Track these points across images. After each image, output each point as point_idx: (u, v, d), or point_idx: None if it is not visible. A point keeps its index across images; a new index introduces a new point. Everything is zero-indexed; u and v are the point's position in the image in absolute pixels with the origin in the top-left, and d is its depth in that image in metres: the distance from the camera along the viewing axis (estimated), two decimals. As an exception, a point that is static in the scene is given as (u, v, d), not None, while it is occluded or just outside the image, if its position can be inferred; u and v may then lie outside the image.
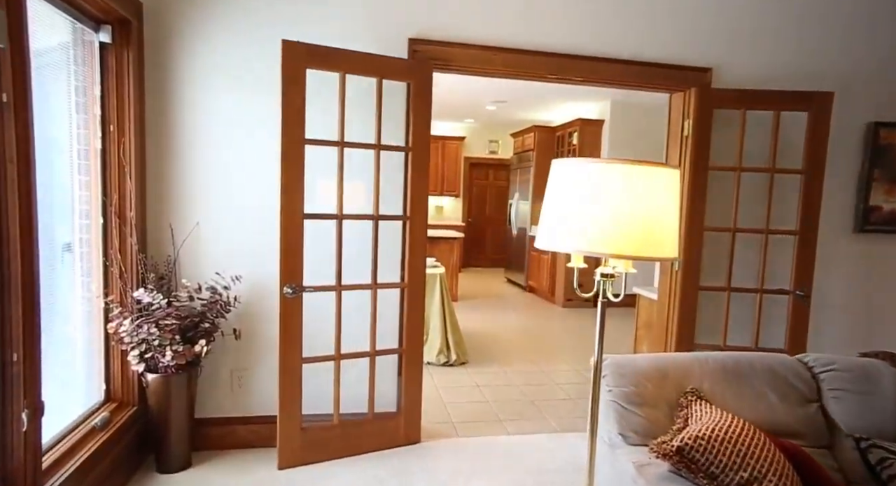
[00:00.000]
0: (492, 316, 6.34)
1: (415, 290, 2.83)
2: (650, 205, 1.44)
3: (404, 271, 2.82)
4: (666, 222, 1.46)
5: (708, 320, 3.19)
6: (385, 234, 2.78)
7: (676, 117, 3.19)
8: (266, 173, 2.70)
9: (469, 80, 6.07)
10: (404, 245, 2.82)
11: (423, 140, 2.76)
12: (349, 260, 2.67)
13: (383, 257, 2.77)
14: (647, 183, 1.44)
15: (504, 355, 4.73)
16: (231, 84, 2.63)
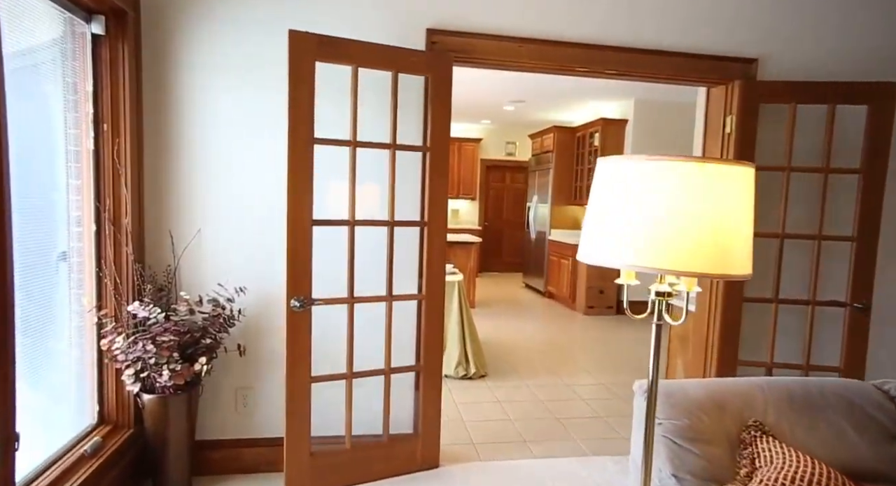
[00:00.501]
0: (510, 324, 6.09)
1: (434, 302, 2.61)
2: (721, 211, 1.19)
3: (422, 281, 2.60)
4: (740, 233, 1.22)
5: (752, 334, 2.92)
6: (401, 241, 2.56)
7: (716, 113, 2.93)
8: (273, 176, 2.50)
9: (487, 79, 5.85)
10: (422, 253, 2.60)
11: (443, 139, 2.54)
12: (362, 270, 2.45)
13: (399, 266, 2.55)
14: (718, 184, 1.20)
15: (525, 367, 4.48)
16: (235, 80, 2.44)
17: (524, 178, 10.10)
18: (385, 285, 2.51)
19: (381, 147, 2.43)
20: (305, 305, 2.28)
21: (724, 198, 1.20)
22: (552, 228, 7.83)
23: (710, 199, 1.20)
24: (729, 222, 1.21)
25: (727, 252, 1.21)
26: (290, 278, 2.25)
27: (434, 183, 2.55)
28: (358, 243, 2.42)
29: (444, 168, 2.57)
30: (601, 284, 6.72)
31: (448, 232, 2.66)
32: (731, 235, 1.21)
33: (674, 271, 1.24)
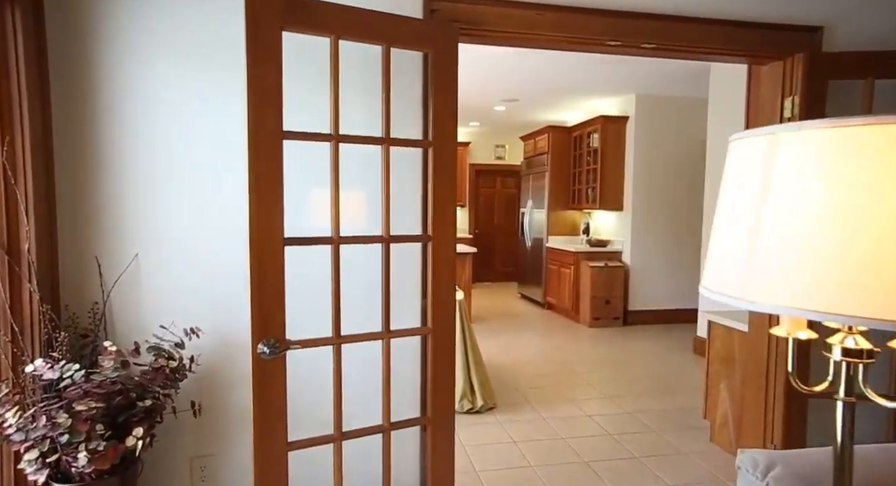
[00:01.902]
0: (511, 341, 5.56)
1: (443, 337, 2.06)
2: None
3: (427, 310, 2.06)
4: None
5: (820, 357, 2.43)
6: (399, 261, 2.02)
7: (770, 95, 2.46)
8: (235, 183, 1.95)
9: (479, 75, 5.36)
10: (425, 275, 2.06)
11: (449, 131, 2.01)
12: (350, 299, 1.91)
13: (397, 292, 2.01)
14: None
15: (537, 395, 3.94)
16: (187, 58, 1.89)
17: (516, 182, 9.62)
18: (381, 317, 1.96)
19: (370, 142, 1.90)
20: (277, 350, 1.73)
21: None
22: (550, 234, 7.35)
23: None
24: None
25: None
26: (255, 317, 1.70)
27: (439, 187, 2.01)
28: (345, 266, 1.88)
29: (450, 168, 2.04)
30: (607, 293, 6.23)
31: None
32: None
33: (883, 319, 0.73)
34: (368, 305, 1.99)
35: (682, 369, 4.64)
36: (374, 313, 1.97)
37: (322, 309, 1.86)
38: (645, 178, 6.23)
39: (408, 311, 2.11)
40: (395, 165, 2.00)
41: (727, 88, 4.78)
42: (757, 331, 2.54)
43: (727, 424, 3.03)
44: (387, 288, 1.95)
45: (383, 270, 1.94)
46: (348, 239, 1.87)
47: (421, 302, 2.09)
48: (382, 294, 1.95)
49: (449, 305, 2.07)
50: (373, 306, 1.97)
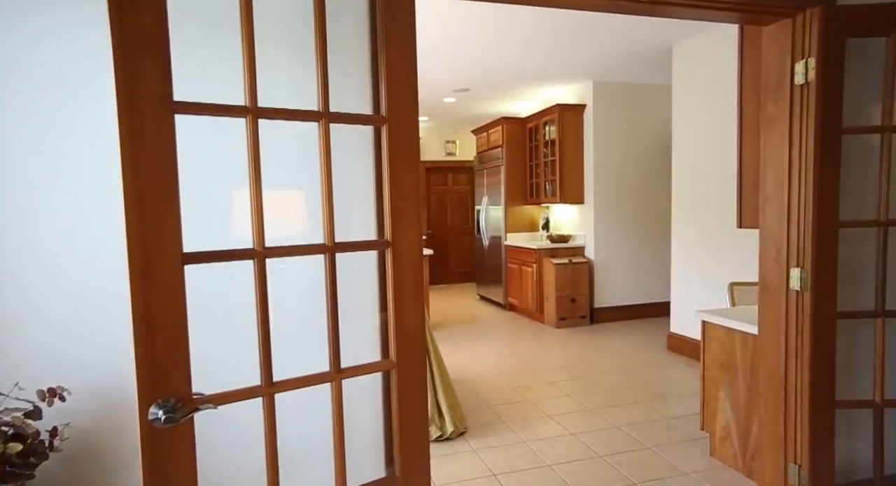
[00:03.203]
0: (475, 349, 5.14)
1: (410, 370, 1.59)
2: None
3: (388, 337, 1.58)
4: None
5: (843, 361, 2.12)
6: (349, 275, 1.53)
7: (777, 58, 2.11)
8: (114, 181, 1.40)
9: (426, 65, 4.89)
10: (384, 292, 1.58)
11: (407, 101, 1.53)
12: (285, 330, 1.41)
13: (349, 315, 1.53)
14: None
15: (511, 412, 3.52)
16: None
17: (468, 179, 9.24)
18: (328, 352, 1.47)
19: (301, 118, 1.40)
20: (179, 413, 1.20)
21: None
22: (508, 231, 6.98)
23: None
24: None
25: None
26: (142, 370, 1.17)
27: (398, 177, 1.54)
28: (275, 286, 1.37)
29: (411, 151, 1.56)
30: (572, 291, 5.91)
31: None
32: None
33: None
34: (313, 336, 1.49)
35: (661, 371, 4.34)
36: (317, 347, 1.47)
37: (250, 347, 1.35)
38: (606, 168, 5.95)
39: (364, 338, 1.62)
40: (341, 151, 1.52)
41: (692, 71, 4.53)
42: (771, 333, 2.21)
43: (730, 436, 2.71)
44: (333, 314, 1.45)
45: (327, 289, 1.44)
46: (277, 251, 1.36)
47: (380, 327, 1.60)
48: (328, 322, 1.45)
49: (417, 330, 1.60)
50: (316, 339, 1.48)
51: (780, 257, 2.14)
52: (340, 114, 1.44)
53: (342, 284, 1.50)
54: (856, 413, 2.14)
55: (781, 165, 2.11)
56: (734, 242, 4.16)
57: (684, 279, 4.74)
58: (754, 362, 2.55)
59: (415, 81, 1.54)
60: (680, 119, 4.70)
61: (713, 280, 4.38)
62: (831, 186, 1.99)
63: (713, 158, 4.33)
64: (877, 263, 2.05)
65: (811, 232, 2.00)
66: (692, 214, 4.59)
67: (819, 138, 1.97)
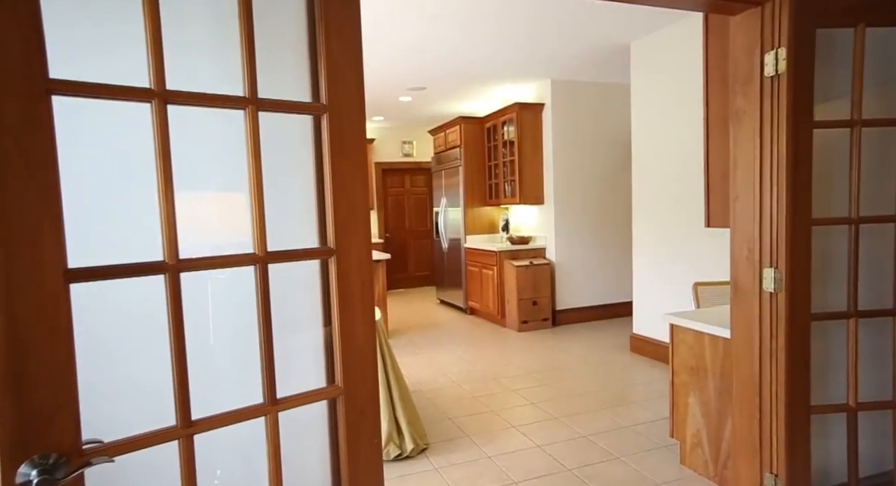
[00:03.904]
0: (436, 357, 4.95)
1: (361, 397, 1.38)
2: None
3: (333, 361, 1.36)
4: None
5: (812, 363, 2.04)
6: (289, 288, 1.32)
7: (746, 49, 2.02)
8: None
9: (380, 62, 4.68)
10: (329, 308, 1.37)
11: (351, 89, 1.33)
12: (206, 356, 1.19)
13: (287, 337, 1.31)
14: None
15: (474, 424, 3.35)
16: None
17: (426, 180, 9.05)
18: (261, 381, 1.24)
19: (223, 104, 1.17)
20: (60, 470, 0.96)
21: None
22: (467, 234, 6.83)
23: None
24: None
25: None
26: (6, 418, 0.92)
27: (343, 174, 1.33)
28: (194, 305, 1.15)
29: (357, 145, 1.36)
30: (534, 294, 5.81)
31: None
32: None
33: None
34: (249, 361, 1.26)
35: (625, 373, 4.26)
36: (248, 375, 1.25)
37: (159, 384, 1.12)
38: (565, 168, 5.88)
39: (307, 361, 1.41)
40: (280, 147, 1.31)
41: (650, 69, 4.49)
42: (744, 337, 2.11)
43: (701, 444, 2.61)
44: (266, 337, 1.23)
45: (259, 308, 1.22)
46: (193, 263, 1.14)
47: (324, 351, 1.39)
48: (261, 347, 1.23)
49: (367, 349, 1.39)
50: (247, 366, 1.25)
51: (752, 256, 2.05)
52: (271, 101, 1.22)
53: (282, 298, 1.28)
54: (828, 415, 2.06)
55: (752, 161, 2.01)
56: (696, 241, 4.13)
57: (646, 280, 4.70)
58: (725, 367, 2.46)
59: (359, 64, 1.34)
60: (639, 118, 4.65)
61: (676, 280, 4.34)
62: (804, 183, 1.90)
63: (674, 157, 4.29)
64: (848, 261, 1.98)
65: (785, 231, 1.91)
66: (653, 214, 4.54)
67: (792, 133, 1.88)
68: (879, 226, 1.99)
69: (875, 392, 2.04)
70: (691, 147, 4.10)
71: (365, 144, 1.38)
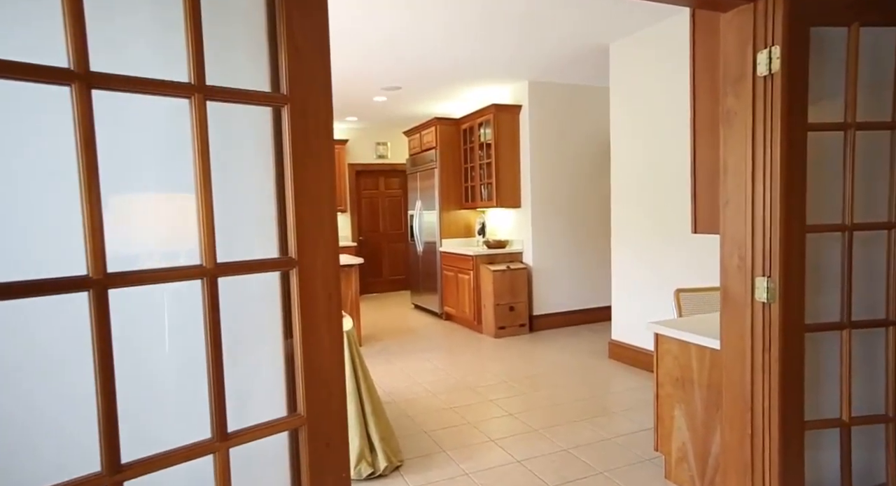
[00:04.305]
0: (410, 365, 4.78)
1: (327, 426, 1.22)
2: None
3: (295, 388, 1.20)
4: None
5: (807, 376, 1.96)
6: (245, 303, 1.15)
7: (738, 47, 1.93)
8: None
9: (353, 61, 4.51)
10: (291, 328, 1.20)
11: (317, 78, 1.17)
12: (141, 386, 1.02)
13: (241, 360, 1.14)
14: None
15: (450, 437, 3.20)
16: None
17: (401, 182, 8.89)
18: (209, 413, 1.07)
19: (163, 91, 1.00)
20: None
21: None
22: (443, 237, 6.69)
23: None
24: None
25: None
26: None
27: (306, 175, 1.17)
28: (130, 324, 0.98)
29: (324, 140, 1.20)
30: (511, 299, 5.69)
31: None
32: None
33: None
34: (192, 389, 1.10)
35: (605, 381, 4.17)
36: (194, 407, 1.08)
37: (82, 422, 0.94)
38: (543, 171, 5.79)
39: (265, 387, 1.24)
40: (229, 141, 1.14)
41: (630, 71, 4.42)
42: (735, 349, 2.01)
43: (686, 458, 2.52)
44: (216, 361, 1.06)
45: (207, 328, 1.05)
46: (127, 278, 0.96)
47: (284, 376, 1.22)
48: (209, 373, 1.05)
49: (333, 372, 1.23)
50: (194, 395, 1.08)
51: (743, 265, 1.95)
52: (222, 89, 1.06)
53: (235, 316, 1.12)
54: (820, 434, 1.98)
55: (744, 163, 1.92)
56: (677, 246, 4.06)
57: (625, 285, 4.63)
58: (712, 378, 2.37)
59: (326, 47, 1.18)
60: (618, 120, 4.58)
61: (655, 286, 4.28)
62: (799, 187, 1.81)
63: (654, 161, 4.23)
64: (842, 270, 1.90)
65: (779, 238, 1.82)
66: (632, 218, 4.47)
67: (786, 134, 1.79)
68: (867, 232, 1.92)
69: (865, 403, 1.96)
70: (672, 150, 4.04)
71: (332, 141, 1.23)
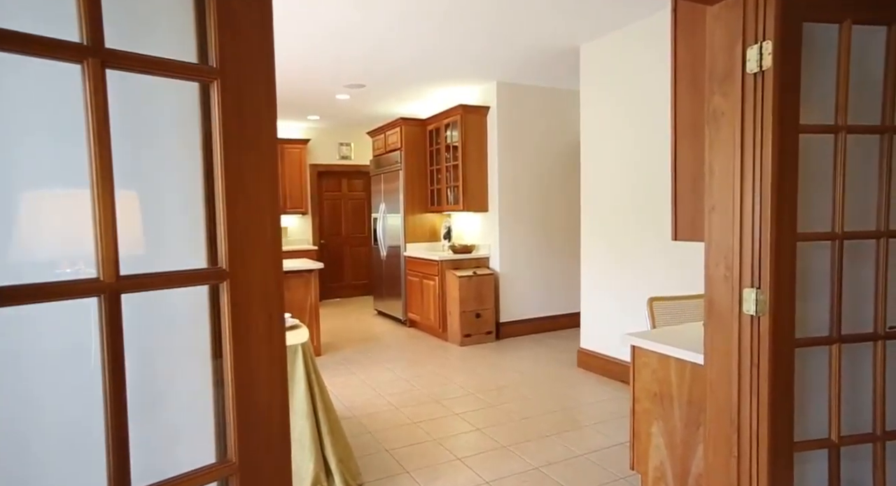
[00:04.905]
0: (372, 376, 4.55)
1: (267, 474, 1.00)
2: None
3: (226, 430, 0.98)
4: None
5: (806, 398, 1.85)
6: (152, 328, 0.93)
7: (725, 43, 1.80)
8: None
9: (314, 54, 4.26)
10: (223, 362, 0.98)
11: (255, 48, 0.96)
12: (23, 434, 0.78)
13: (155, 396, 0.92)
14: None
15: (415, 456, 3.00)
16: None
17: (364, 184, 8.63)
18: (105, 469, 0.84)
19: (46, 53, 0.77)
20: None
21: None
22: (407, 241, 6.48)
23: None
24: None
25: None
26: None
27: (242, 167, 0.96)
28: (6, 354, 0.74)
29: (265, 126, 0.99)
30: (477, 306, 5.53)
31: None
32: None
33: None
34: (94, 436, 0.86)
35: (574, 392, 4.04)
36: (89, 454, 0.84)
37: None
38: (511, 175, 5.66)
39: (187, 428, 1.01)
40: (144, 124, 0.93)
41: (601, 73, 4.33)
42: (720, 365, 1.88)
43: (664, 478, 2.39)
44: (115, 399, 0.83)
45: (105, 357, 0.82)
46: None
47: (216, 418, 1.00)
48: (106, 415, 0.82)
49: (275, 411, 1.02)
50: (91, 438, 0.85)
51: (730, 275, 1.83)
52: (128, 55, 0.83)
53: (147, 340, 0.89)
54: (809, 454, 1.87)
55: (731, 167, 1.80)
56: (648, 253, 3.97)
57: (595, 292, 4.52)
58: (693, 394, 2.24)
59: (268, 17, 0.97)
60: (589, 123, 4.48)
61: (626, 293, 4.18)
62: (790, 192, 1.70)
63: (625, 165, 4.14)
64: (832, 281, 1.79)
65: (770, 247, 1.69)
66: (602, 224, 4.37)
67: (778, 135, 1.67)
68: (864, 242, 1.82)
69: (847, 416, 1.85)
70: (644, 155, 3.95)
71: (275, 128, 1.01)
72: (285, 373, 1.03)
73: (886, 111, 1.79)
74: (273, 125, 1.01)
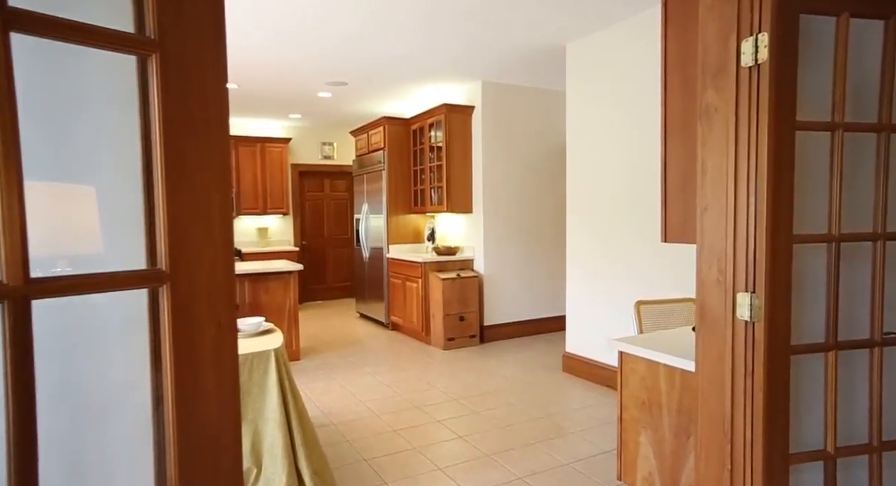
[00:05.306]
0: (352, 381, 4.41)
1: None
2: None
3: (165, 459, 0.85)
4: None
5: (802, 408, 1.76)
6: (78, 340, 0.80)
7: (719, 36, 1.72)
8: None
9: (294, 49, 4.12)
10: (160, 384, 0.85)
11: (206, 18, 0.84)
12: None
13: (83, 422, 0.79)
14: None
15: (395, 466, 2.87)
16: None
17: (347, 184, 8.48)
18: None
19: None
20: None
21: None
22: (390, 243, 6.35)
23: None
24: None
25: None
26: None
27: (185, 152, 0.83)
28: None
29: (214, 107, 0.87)
30: (461, 309, 5.42)
31: (254, 259, 1.00)
32: None
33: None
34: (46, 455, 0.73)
35: (559, 398, 3.95)
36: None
37: None
38: (496, 175, 5.57)
39: (115, 457, 0.89)
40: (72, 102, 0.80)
41: (587, 72, 4.25)
42: (712, 373, 1.79)
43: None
44: (18, 434, 0.70)
45: (7, 378, 0.69)
46: None
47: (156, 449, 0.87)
48: (6, 460, 0.69)
49: (224, 436, 0.89)
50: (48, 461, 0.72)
51: (723, 279, 1.74)
52: (42, 17, 0.71)
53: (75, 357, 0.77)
54: (804, 466, 1.79)
55: (725, 165, 1.71)
56: (635, 255, 3.90)
57: (580, 295, 4.44)
58: (683, 403, 2.16)
59: (217, -19, 0.85)
60: (574, 123, 4.41)
61: (612, 296, 4.10)
62: (787, 192, 1.62)
63: (611, 166, 4.06)
64: (828, 286, 1.71)
65: (765, 249, 1.61)
66: (588, 225, 4.29)
67: (774, 132, 1.59)
68: (860, 244, 1.75)
69: (842, 424, 1.78)
70: (633, 154, 3.88)
71: (226, 111, 0.89)
72: (236, 389, 0.91)
73: (883, 109, 1.72)
74: (224, 108, 0.89)
